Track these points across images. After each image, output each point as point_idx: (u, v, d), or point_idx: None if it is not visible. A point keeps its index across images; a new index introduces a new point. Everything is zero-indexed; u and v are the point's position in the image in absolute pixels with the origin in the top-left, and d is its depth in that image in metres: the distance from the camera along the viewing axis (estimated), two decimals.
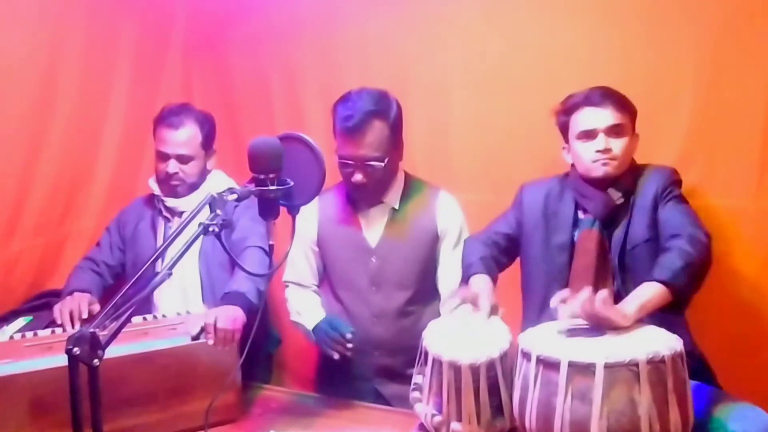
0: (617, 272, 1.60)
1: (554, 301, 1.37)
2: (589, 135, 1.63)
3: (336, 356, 1.72)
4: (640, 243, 1.59)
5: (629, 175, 1.64)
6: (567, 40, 1.98)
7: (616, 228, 1.63)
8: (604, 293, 1.30)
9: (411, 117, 1.98)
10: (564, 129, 1.71)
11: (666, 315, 1.39)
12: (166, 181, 1.96)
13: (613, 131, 1.61)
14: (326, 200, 1.90)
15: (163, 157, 1.95)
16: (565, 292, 1.37)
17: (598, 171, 1.62)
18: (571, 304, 1.32)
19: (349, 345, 1.70)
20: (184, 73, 2.56)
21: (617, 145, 1.61)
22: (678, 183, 1.64)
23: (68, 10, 2.07)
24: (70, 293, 1.87)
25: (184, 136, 1.94)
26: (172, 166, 1.93)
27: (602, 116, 1.61)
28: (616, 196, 1.62)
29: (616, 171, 1.61)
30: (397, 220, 1.86)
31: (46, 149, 2.05)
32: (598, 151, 1.61)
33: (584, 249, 1.62)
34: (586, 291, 1.30)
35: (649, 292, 1.37)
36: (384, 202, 1.86)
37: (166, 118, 1.95)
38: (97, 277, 1.99)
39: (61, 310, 1.78)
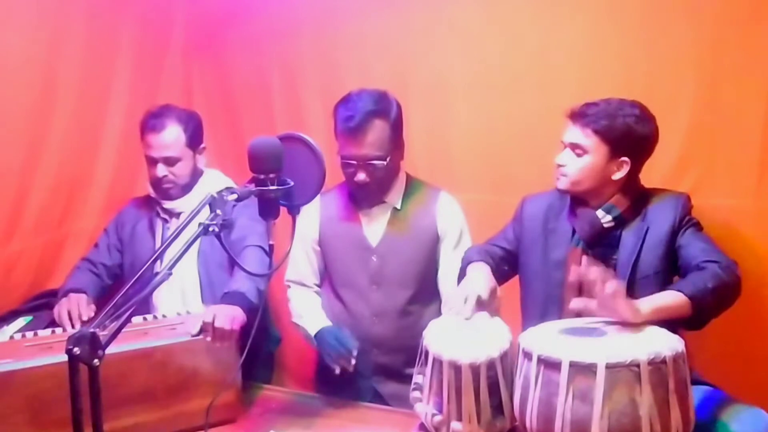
0: None
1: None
2: (563, 146, 1.64)
3: (338, 370, 1.72)
4: (651, 274, 1.56)
5: (625, 200, 1.61)
6: (567, 40, 1.98)
7: (621, 252, 1.59)
8: (614, 286, 1.29)
9: (411, 117, 1.98)
10: None
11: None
12: (158, 185, 1.96)
13: (574, 149, 1.60)
14: (328, 200, 1.91)
15: (151, 161, 1.95)
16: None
17: (555, 181, 1.65)
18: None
19: (353, 361, 1.70)
20: (184, 73, 2.55)
21: (573, 163, 1.60)
22: (691, 209, 1.63)
23: (68, 11, 2.07)
24: (66, 294, 1.88)
25: (168, 139, 1.92)
26: (160, 170, 1.93)
27: (569, 132, 1.62)
28: (606, 219, 1.60)
29: (565, 187, 1.63)
30: (398, 219, 1.86)
31: (46, 149, 2.04)
32: (557, 163, 1.63)
33: (571, 267, 1.59)
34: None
35: (669, 299, 1.37)
36: (386, 201, 1.86)
37: (148, 122, 1.94)
38: (94, 278, 2.00)
39: (59, 312, 1.80)
